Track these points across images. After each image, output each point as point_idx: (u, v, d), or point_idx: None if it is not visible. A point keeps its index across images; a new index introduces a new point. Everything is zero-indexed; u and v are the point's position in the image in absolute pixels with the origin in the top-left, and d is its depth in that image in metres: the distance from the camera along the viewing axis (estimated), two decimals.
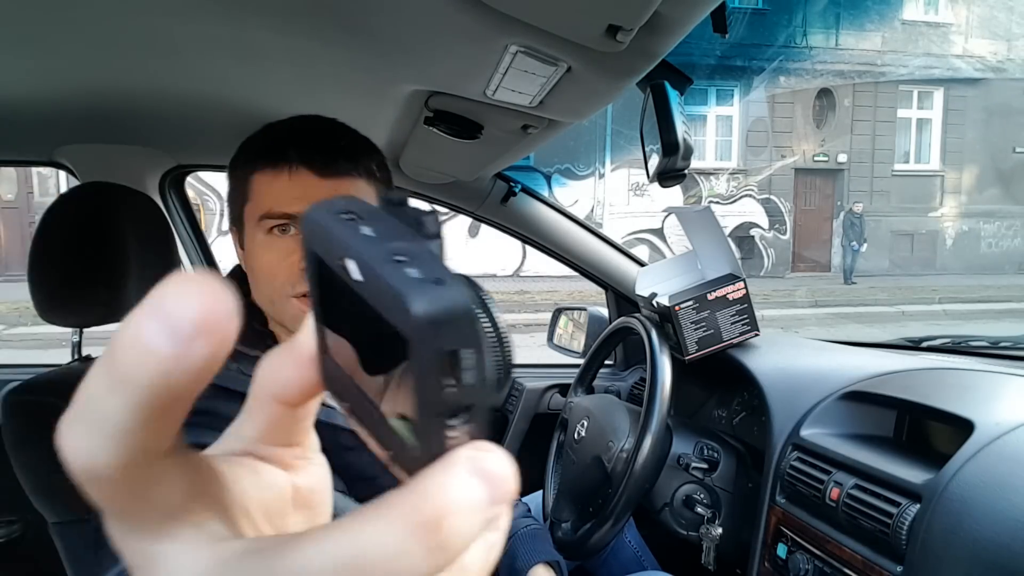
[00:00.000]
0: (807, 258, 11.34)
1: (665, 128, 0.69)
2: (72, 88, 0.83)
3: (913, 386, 0.80)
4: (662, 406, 0.89)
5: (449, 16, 0.54)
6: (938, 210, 11.64)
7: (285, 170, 0.64)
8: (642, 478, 0.87)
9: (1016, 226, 11.56)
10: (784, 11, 10.29)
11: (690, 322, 1.03)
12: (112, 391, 0.12)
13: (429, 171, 1.19)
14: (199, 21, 0.62)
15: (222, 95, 0.86)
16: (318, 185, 0.64)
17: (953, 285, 9.95)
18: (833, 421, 0.82)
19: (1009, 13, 10.90)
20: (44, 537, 0.80)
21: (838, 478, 0.71)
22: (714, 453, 0.93)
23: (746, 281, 1.04)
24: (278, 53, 0.70)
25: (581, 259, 1.40)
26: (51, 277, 0.84)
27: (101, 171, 1.11)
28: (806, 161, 11.17)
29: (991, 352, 1.05)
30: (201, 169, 1.35)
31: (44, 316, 0.85)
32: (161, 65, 0.75)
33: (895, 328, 7.55)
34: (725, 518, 0.90)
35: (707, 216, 1.11)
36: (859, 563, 0.66)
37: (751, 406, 1.09)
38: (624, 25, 0.51)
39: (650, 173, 0.77)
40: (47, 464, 0.78)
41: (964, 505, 0.57)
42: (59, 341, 1.40)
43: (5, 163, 1.88)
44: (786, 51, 10.37)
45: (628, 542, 1.15)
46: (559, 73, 0.63)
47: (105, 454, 0.13)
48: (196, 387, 0.13)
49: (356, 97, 0.84)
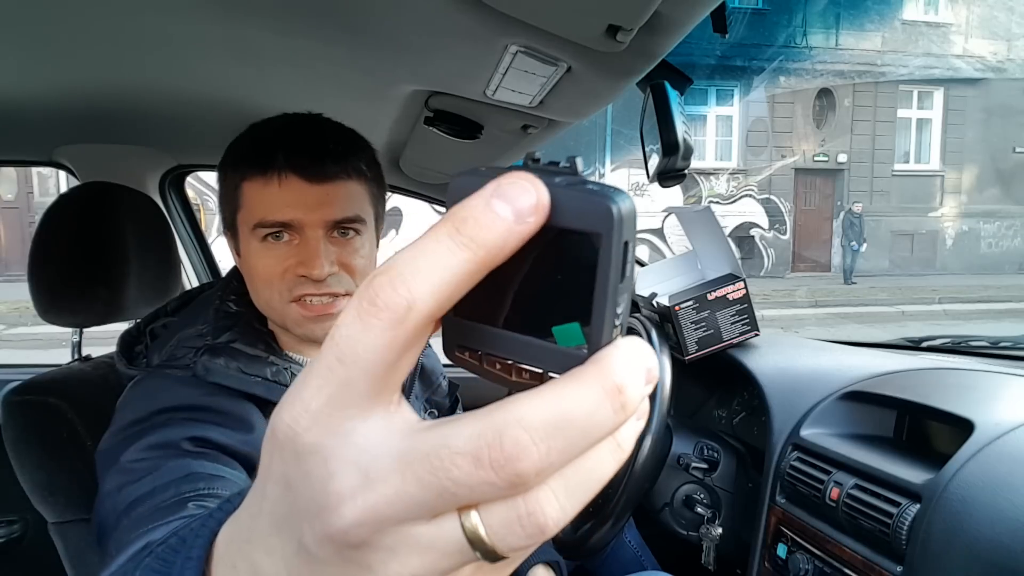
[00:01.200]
0: (807, 258, 11.34)
1: (665, 128, 0.69)
2: (72, 88, 0.83)
3: (913, 386, 0.80)
4: (662, 406, 0.89)
5: (449, 16, 0.54)
6: (938, 210, 11.65)
7: (275, 178, 0.64)
8: (642, 478, 0.87)
9: (1016, 226, 11.57)
10: (784, 11, 10.29)
11: (690, 322, 1.03)
12: (458, 248, 0.16)
13: (429, 171, 1.19)
14: (199, 21, 0.62)
15: (222, 95, 0.86)
16: (308, 191, 0.64)
17: (953, 285, 9.95)
18: (833, 421, 0.82)
19: (1009, 13, 10.90)
20: (44, 537, 0.80)
21: (838, 478, 0.71)
22: (714, 453, 0.93)
23: (746, 281, 1.04)
24: (278, 53, 0.70)
25: None
26: (51, 277, 0.84)
27: (101, 171, 1.11)
28: (806, 161, 11.17)
29: (991, 352, 1.05)
30: (201, 169, 1.35)
31: (44, 316, 0.85)
32: (161, 65, 0.75)
33: (895, 328, 7.56)
34: (725, 518, 0.90)
35: (707, 216, 1.11)
36: (859, 563, 0.66)
37: (751, 406, 1.09)
38: (624, 25, 0.51)
39: (650, 173, 0.77)
40: (47, 464, 0.79)
41: (964, 505, 0.57)
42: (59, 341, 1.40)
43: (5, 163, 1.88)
44: (786, 51, 10.37)
45: (628, 542, 1.15)
46: (559, 73, 0.63)
47: (431, 298, 0.16)
48: (503, 256, 0.17)
49: (356, 97, 0.84)
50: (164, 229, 0.96)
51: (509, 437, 0.16)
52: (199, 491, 0.53)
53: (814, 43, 10.44)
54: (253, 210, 0.66)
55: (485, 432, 0.16)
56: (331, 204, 0.65)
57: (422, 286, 0.16)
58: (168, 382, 0.64)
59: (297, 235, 0.66)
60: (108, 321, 0.88)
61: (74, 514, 0.79)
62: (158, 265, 0.95)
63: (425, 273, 0.16)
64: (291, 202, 0.64)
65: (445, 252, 0.16)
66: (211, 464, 0.57)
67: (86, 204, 0.87)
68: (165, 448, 0.57)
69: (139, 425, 0.60)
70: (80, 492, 0.77)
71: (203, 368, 0.63)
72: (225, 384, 0.64)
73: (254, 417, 0.64)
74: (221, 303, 0.71)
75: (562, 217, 0.17)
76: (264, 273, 0.66)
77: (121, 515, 0.52)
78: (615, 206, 0.17)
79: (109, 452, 0.60)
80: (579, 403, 0.17)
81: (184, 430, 0.59)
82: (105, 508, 0.55)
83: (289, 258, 0.65)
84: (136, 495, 0.53)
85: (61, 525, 0.79)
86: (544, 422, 0.16)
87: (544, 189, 0.17)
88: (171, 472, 0.54)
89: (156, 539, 0.45)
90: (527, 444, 0.16)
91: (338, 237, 0.67)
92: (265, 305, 0.69)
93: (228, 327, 0.68)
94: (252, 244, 0.67)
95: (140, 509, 0.51)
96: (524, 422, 0.16)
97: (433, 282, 0.16)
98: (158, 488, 0.53)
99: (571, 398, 0.17)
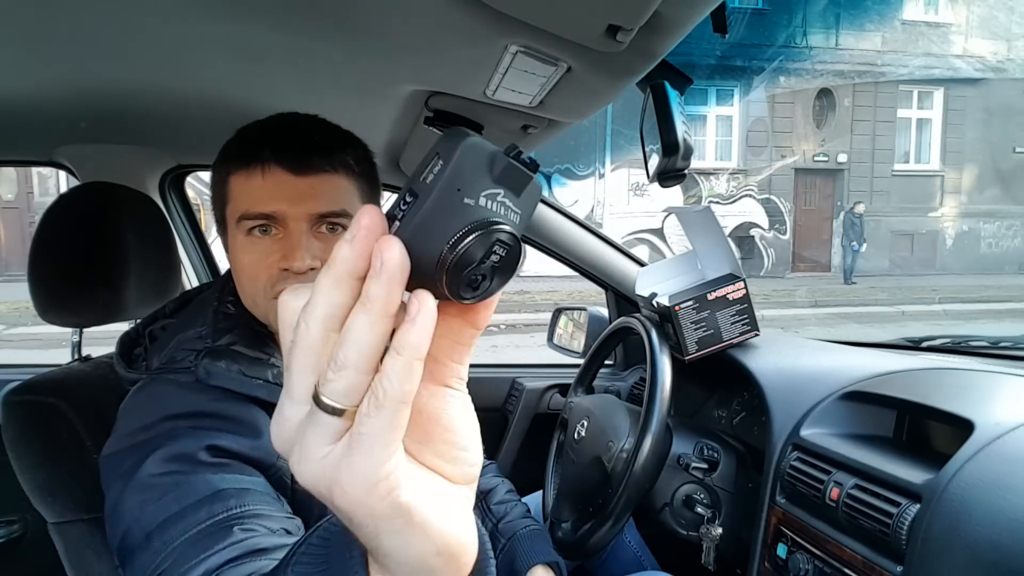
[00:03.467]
0: (807, 258, 11.33)
1: (665, 128, 0.69)
2: (72, 88, 0.83)
3: (913, 386, 0.80)
4: (662, 406, 0.89)
5: (449, 16, 0.54)
6: (938, 210, 11.64)
7: (258, 170, 0.64)
8: (642, 478, 0.87)
9: (1016, 226, 11.56)
10: (784, 11, 10.29)
11: (690, 322, 1.03)
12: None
13: None
14: (199, 21, 0.62)
15: (222, 95, 0.86)
16: (293, 183, 0.64)
17: (953, 285, 9.94)
18: (833, 421, 0.82)
19: (1009, 13, 10.90)
20: (44, 537, 0.80)
21: (838, 478, 0.71)
22: (714, 453, 0.93)
23: (746, 281, 1.04)
24: (278, 53, 0.70)
25: (581, 259, 1.40)
26: (51, 277, 0.84)
27: (101, 171, 1.11)
28: (806, 161, 11.17)
29: (991, 352, 1.05)
30: (201, 169, 1.35)
31: (44, 316, 0.85)
32: (161, 65, 0.75)
33: (895, 328, 7.56)
34: (725, 518, 0.90)
35: (707, 216, 1.11)
36: (859, 563, 0.66)
37: (751, 406, 1.09)
38: (624, 25, 0.51)
39: (650, 173, 0.77)
40: (47, 464, 0.78)
41: (964, 505, 0.57)
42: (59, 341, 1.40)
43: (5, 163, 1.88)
44: (786, 51, 10.38)
45: (628, 542, 1.15)
46: (559, 73, 0.63)
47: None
48: None
49: (356, 97, 0.84)
50: (164, 229, 0.96)
51: (306, 318, 0.24)
52: (231, 510, 0.53)
53: (814, 43, 10.44)
54: (238, 203, 0.66)
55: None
56: (316, 197, 0.65)
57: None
58: (172, 387, 0.64)
59: (282, 228, 0.65)
60: (108, 321, 0.88)
61: (74, 514, 0.79)
62: (158, 265, 0.94)
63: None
64: (275, 194, 0.64)
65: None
66: (232, 476, 0.57)
67: (86, 204, 0.87)
68: (183, 461, 0.57)
69: (146, 433, 0.60)
70: (80, 492, 0.77)
71: (204, 371, 0.63)
72: (227, 387, 0.63)
73: (260, 421, 0.63)
74: (219, 304, 0.71)
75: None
76: (249, 268, 0.66)
77: (152, 535, 0.52)
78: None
79: (116, 459, 0.60)
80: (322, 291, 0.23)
81: (197, 440, 0.58)
82: (127, 524, 0.54)
83: (273, 252, 0.65)
84: (165, 515, 0.53)
85: (61, 525, 0.79)
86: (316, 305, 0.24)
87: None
88: (195, 491, 0.54)
89: (213, 566, 0.48)
90: (302, 326, 0.24)
91: (324, 232, 0.67)
92: (251, 301, 0.69)
93: (227, 329, 0.68)
94: (238, 238, 0.66)
95: (173, 531, 0.51)
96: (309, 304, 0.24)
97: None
98: (188, 508, 0.53)
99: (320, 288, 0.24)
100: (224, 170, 0.67)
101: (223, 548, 0.49)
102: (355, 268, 0.23)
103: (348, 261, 0.23)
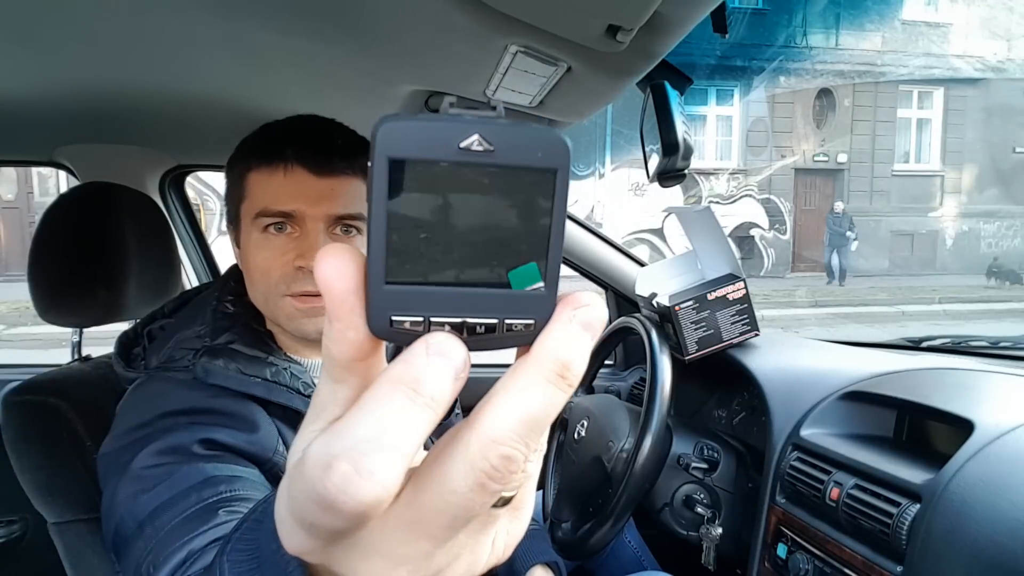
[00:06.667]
0: (807, 258, 11.33)
1: (665, 128, 0.69)
2: (72, 88, 0.83)
3: (913, 386, 0.80)
4: (662, 406, 0.89)
5: (449, 16, 0.54)
6: (938, 210, 11.64)
7: (280, 168, 0.65)
8: (642, 478, 0.87)
9: (1016, 226, 11.56)
10: (784, 11, 10.28)
11: (690, 322, 1.03)
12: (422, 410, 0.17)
13: None
14: (199, 21, 0.62)
15: (222, 95, 0.86)
16: (314, 183, 0.65)
17: (953, 285, 9.94)
18: (833, 421, 0.82)
19: (1009, 13, 10.90)
20: (44, 537, 0.80)
21: (838, 478, 0.71)
22: (714, 453, 0.93)
23: (746, 281, 1.04)
24: (278, 53, 0.70)
25: (581, 259, 1.40)
26: (51, 277, 0.84)
27: (101, 171, 1.11)
28: (806, 161, 11.17)
29: (991, 352, 1.05)
30: (201, 169, 1.35)
31: (44, 316, 0.85)
32: (161, 65, 0.75)
33: (895, 328, 7.56)
34: (725, 518, 0.90)
35: (707, 216, 1.11)
36: (859, 563, 0.66)
37: (751, 406, 1.09)
38: (624, 25, 0.51)
39: (650, 173, 0.77)
40: (47, 464, 0.78)
41: (964, 505, 0.57)
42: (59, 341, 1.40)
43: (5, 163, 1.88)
44: (786, 51, 10.37)
45: (628, 542, 1.15)
46: (559, 73, 0.63)
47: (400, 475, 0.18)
48: None
49: (356, 97, 0.84)
50: (164, 229, 0.96)
51: (495, 458, 0.17)
52: (221, 495, 0.53)
53: (814, 43, 10.44)
54: (257, 199, 0.66)
55: (475, 463, 0.17)
56: (335, 198, 0.65)
57: (391, 472, 0.17)
58: (170, 385, 0.64)
59: (298, 227, 0.66)
60: (108, 321, 0.88)
61: (74, 514, 0.79)
62: (158, 265, 0.95)
63: (393, 450, 0.17)
64: (295, 193, 0.64)
65: (413, 418, 0.17)
66: (224, 465, 0.57)
67: (86, 204, 0.87)
68: (176, 453, 0.57)
69: (143, 429, 0.60)
70: (80, 492, 0.77)
71: (202, 370, 0.63)
72: (225, 385, 0.64)
73: (257, 416, 0.64)
74: (218, 304, 0.71)
75: (512, 155, 0.17)
76: (262, 264, 0.66)
77: (144, 523, 0.52)
78: (566, 140, 0.17)
79: (113, 456, 0.60)
80: (536, 398, 0.18)
81: (192, 434, 0.58)
82: (120, 515, 0.54)
83: (288, 251, 0.66)
84: (156, 503, 0.53)
85: (61, 525, 0.79)
86: (515, 432, 0.18)
87: (463, 348, 0.18)
88: (187, 478, 0.54)
89: (196, 547, 0.46)
90: (512, 455, 0.18)
91: (339, 234, 0.67)
92: (260, 298, 0.69)
93: (226, 328, 0.68)
94: (252, 235, 0.67)
95: (164, 517, 0.51)
96: (501, 439, 0.17)
97: (405, 458, 0.17)
98: (178, 495, 0.53)
99: (529, 397, 0.18)
100: (243, 166, 0.68)
101: (207, 529, 0.49)
102: None
103: None
